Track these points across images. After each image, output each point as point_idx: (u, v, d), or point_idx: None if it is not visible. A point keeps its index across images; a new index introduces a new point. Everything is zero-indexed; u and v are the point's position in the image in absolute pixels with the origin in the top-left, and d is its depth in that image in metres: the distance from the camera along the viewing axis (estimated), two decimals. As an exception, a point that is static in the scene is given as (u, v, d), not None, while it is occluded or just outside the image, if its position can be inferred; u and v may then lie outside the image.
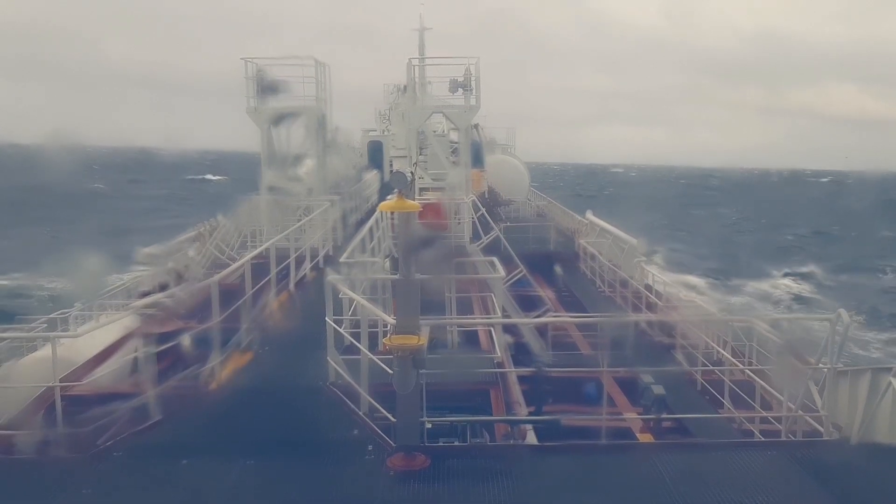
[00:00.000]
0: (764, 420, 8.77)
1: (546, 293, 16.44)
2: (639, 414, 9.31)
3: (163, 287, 14.67)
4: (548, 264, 18.89)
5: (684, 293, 13.43)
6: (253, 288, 10.84)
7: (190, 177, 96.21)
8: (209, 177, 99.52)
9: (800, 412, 7.93)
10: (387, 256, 13.67)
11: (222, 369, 9.07)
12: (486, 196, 27.43)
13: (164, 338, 8.87)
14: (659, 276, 15.27)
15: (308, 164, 21.70)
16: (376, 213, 14.25)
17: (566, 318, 13.39)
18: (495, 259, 11.49)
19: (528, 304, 14.58)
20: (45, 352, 9.38)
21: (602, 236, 18.82)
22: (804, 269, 43.75)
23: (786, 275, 42.16)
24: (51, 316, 13.99)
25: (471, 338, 11.14)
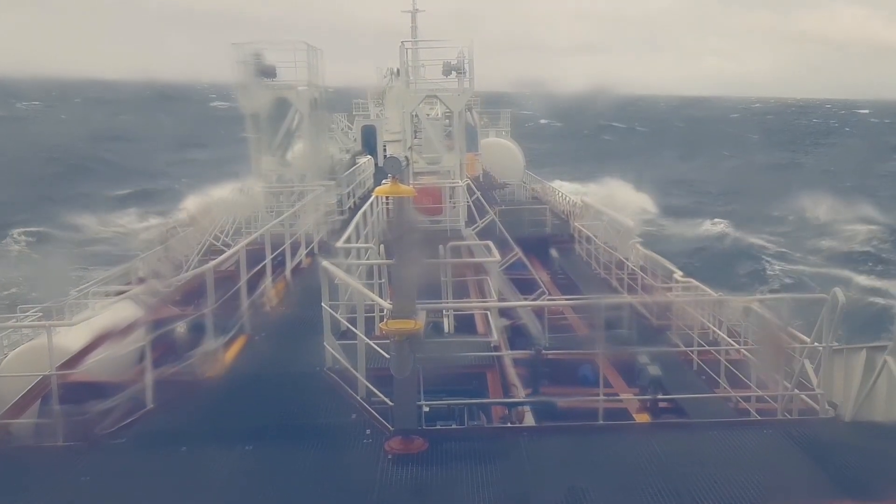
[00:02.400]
0: (760, 399, 8.82)
1: (541, 276, 16.46)
2: (635, 395, 9.35)
3: (156, 274, 14.62)
4: (543, 247, 18.90)
5: (679, 273, 13.44)
6: (248, 274, 10.82)
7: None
8: (217, 104, 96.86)
9: (795, 391, 7.98)
10: (381, 242, 13.65)
11: (220, 356, 9.06)
12: (481, 179, 27.39)
13: (160, 325, 8.85)
14: (655, 257, 15.28)
15: (298, 149, 21.62)
16: (371, 197, 14.21)
17: (562, 300, 13.41)
18: (490, 243, 11.48)
19: (524, 287, 14.58)
20: (40, 340, 9.35)
21: (597, 218, 18.81)
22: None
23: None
24: (46, 304, 13.93)
25: (467, 321, 11.15)
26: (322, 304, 8.51)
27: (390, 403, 7.01)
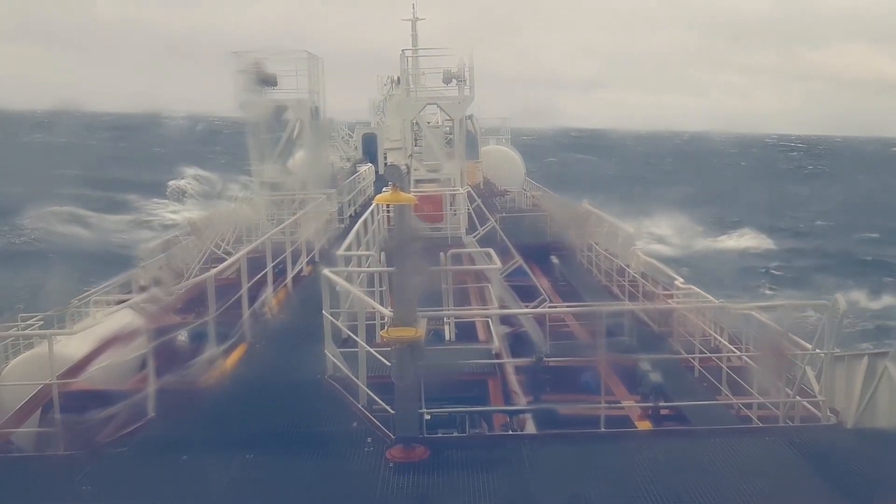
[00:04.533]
0: (761, 406, 8.80)
1: (542, 283, 16.45)
2: (637, 402, 9.33)
3: (157, 282, 14.64)
4: (544, 254, 18.90)
5: (680, 280, 13.43)
6: (249, 282, 10.82)
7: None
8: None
9: (797, 397, 7.97)
10: (382, 249, 13.66)
11: (221, 364, 9.06)
12: (482, 187, 27.42)
13: (161, 333, 8.85)
14: (656, 264, 15.28)
15: (298, 157, 21.67)
16: (372, 205, 14.23)
17: (563, 307, 13.40)
18: (491, 250, 11.48)
19: (525, 294, 14.58)
20: (41, 349, 9.36)
21: (598, 225, 18.81)
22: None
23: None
24: (47, 313, 13.94)
25: (468, 329, 11.15)
26: (323, 311, 8.51)
27: (391, 411, 7.00)
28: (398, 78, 25.83)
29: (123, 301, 11.90)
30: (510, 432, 7.99)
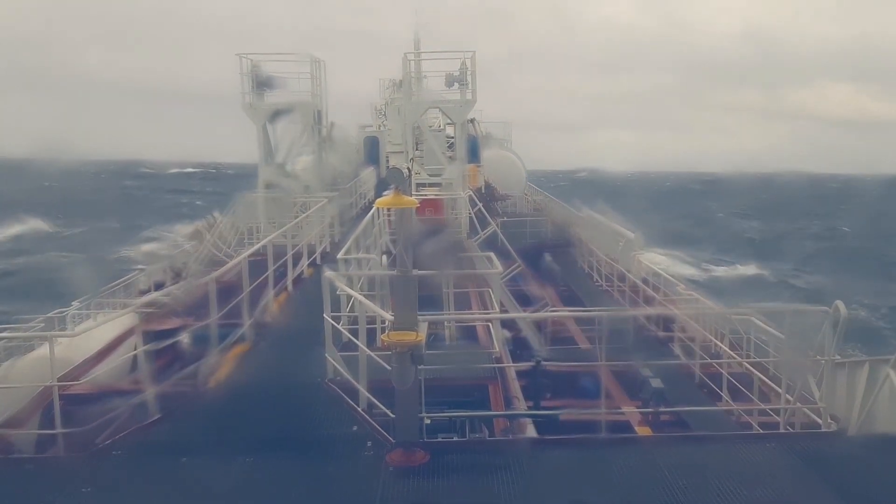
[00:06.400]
0: (762, 412, 8.80)
1: (543, 288, 16.46)
2: (637, 407, 9.32)
3: (160, 285, 14.66)
4: (544, 257, 18.95)
5: (682, 286, 13.44)
6: (251, 285, 10.83)
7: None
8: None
9: (798, 404, 7.95)
10: (384, 253, 13.66)
11: (221, 366, 9.07)
12: (483, 191, 27.46)
13: (162, 335, 8.85)
14: (656, 270, 15.29)
15: (304, 160, 21.73)
16: (373, 209, 14.24)
17: (564, 312, 13.42)
18: (492, 254, 11.49)
19: (526, 299, 14.59)
20: (42, 351, 9.37)
21: (599, 231, 18.84)
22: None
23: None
24: (48, 315, 13.96)
25: (469, 333, 11.14)
26: (323, 315, 8.51)
27: (392, 415, 6.99)
28: (400, 81, 25.87)
29: (125, 304, 11.92)
30: (510, 437, 7.98)
